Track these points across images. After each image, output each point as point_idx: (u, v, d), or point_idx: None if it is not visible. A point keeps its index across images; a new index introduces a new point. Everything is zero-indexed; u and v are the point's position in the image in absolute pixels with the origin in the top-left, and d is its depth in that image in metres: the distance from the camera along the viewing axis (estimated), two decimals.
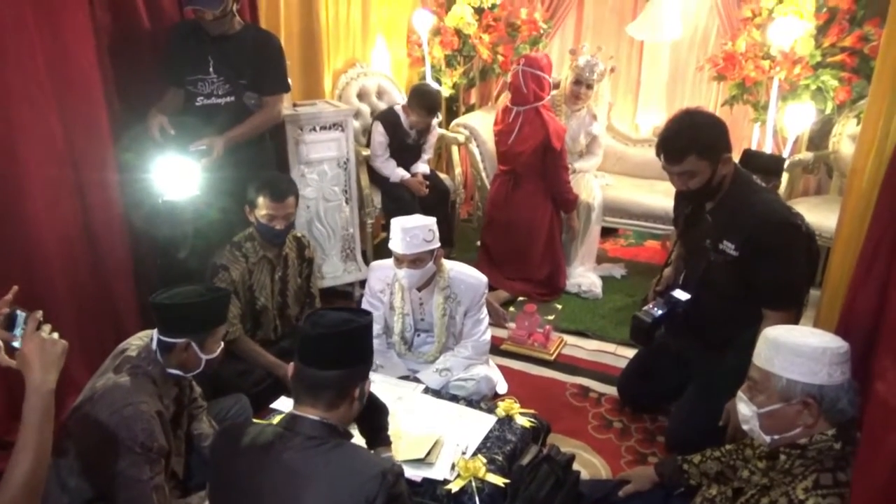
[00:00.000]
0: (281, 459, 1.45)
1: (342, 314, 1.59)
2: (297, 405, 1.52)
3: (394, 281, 2.67)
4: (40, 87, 2.27)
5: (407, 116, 3.68)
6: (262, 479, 1.45)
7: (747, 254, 2.16)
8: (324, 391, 1.49)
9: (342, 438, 1.51)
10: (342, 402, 1.51)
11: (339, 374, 1.50)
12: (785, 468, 1.50)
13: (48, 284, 2.35)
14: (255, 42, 2.83)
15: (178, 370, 1.95)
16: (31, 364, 1.38)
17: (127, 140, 2.64)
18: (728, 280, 2.25)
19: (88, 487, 1.88)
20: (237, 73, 2.80)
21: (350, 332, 1.53)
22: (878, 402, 1.20)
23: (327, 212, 3.48)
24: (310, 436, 1.46)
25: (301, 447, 1.45)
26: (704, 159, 2.16)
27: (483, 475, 1.93)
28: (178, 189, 2.61)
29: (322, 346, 1.50)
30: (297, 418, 1.49)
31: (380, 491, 1.39)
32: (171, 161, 2.58)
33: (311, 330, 1.52)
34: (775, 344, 1.52)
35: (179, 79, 2.79)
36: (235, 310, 2.65)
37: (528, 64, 3.50)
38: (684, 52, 4.34)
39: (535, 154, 3.50)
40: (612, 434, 2.64)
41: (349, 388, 1.52)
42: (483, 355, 2.72)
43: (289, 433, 1.48)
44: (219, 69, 2.77)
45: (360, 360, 1.57)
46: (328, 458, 1.44)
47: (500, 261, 3.76)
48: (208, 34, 2.73)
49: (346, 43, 4.02)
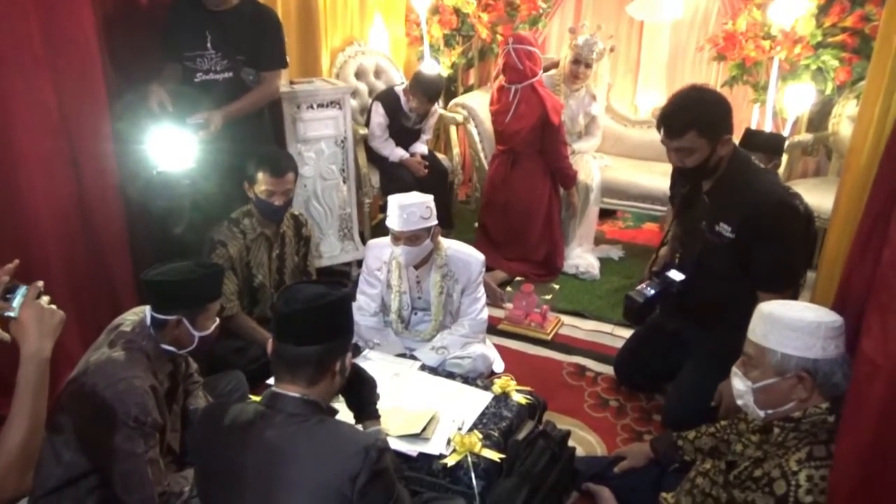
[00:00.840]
0: (263, 437, 1.43)
1: (317, 288, 1.55)
2: (278, 383, 1.50)
3: (391, 259, 2.66)
4: (34, 57, 2.25)
5: (408, 100, 3.65)
6: (244, 458, 1.44)
7: (744, 236, 2.14)
8: (302, 367, 1.46)
9: (324, 415, 1.49)
10: (322, 377, 1.49)
11: (317, 350, 1.47)
12: (778, 441, 1.51)
13: (42, 258, 2.34)
14: (253, 16, 2.80)
15: (171, 346, 1.95)
16: (28, 331, 1.36)
17: (122, 109, 2.61)
18: (723, 263, 2.24)
19: (83, 461, 1.88)
20: (235, 48, 2.77)
21: (325, 306, 1.49)
22: (864, 358, 1.21)
23: (325, 190, 3.46)
24: (291, 413, 1.45)
25: (282, 425, 1.43)
26: (704, 137, 2.13)
27: (479, 450, 1.94)
28: (174, 161, 2.59)
29: (297, 322, 1.47)
30: (278, 395, 1.47)
31: (363, 467, 1.38)
32: (167, 132, 2.56)
33: (284, 307, 1.48)
34: (770, 318, 1.52)
35: (177, 54, 2.77)
36: (233, 286, 2.65)
37: (518, 41, 3.49)
38: (684, 32, 4.30)
39: (534, 131, 3.49)
40: (608, 412, 2.65)
41: (329, 363, 1.50)
42: (480, 334, 2.73)
43: (270, 411, 1.46)
44: (217, 44, 2.75)
45: (337, 335, 1.53)
46: (310, 436, 1.42)
47: (498, 241, 3.75)
48: (206, 8, 2.70)
49: (344, 21, 3.98)
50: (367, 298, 2.74)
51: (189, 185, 2.68)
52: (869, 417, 1.16)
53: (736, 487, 1.53)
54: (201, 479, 1.61)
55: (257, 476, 1.43)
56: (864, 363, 1.19)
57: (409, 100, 3.64)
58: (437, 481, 1.93)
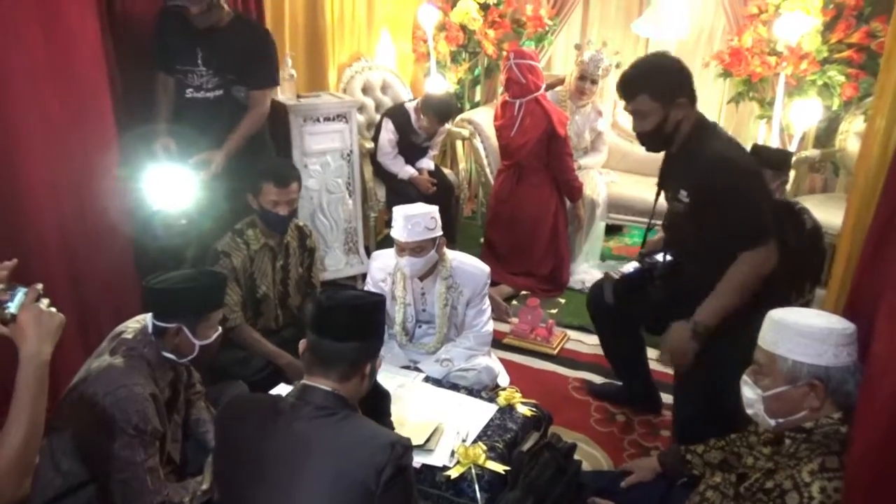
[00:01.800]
0: (290, 428, 1.46)
1: (356, 291, 1.69)
2: (309, 376, 1.53)
3: (395, 270, 2.64)
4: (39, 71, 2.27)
5: (418, 118, 3.66)
6: (268, 445, 1.46)
7: (697, 200, 2.11)
8: (337, 363, 1.50)
9: (352, 411, 1.52)
10: (354, 375, 1.52)
11: (354, 347, 1.52)
12: (790, 452, 1.47)
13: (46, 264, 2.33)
14: (244, 35, 2.80)
15: (172, 354, 1.93)
16: (27, 334, 1.35)
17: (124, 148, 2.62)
18: (686, 233, 2.19)
19: (82, 469, 1.86)
20: (226, 66, 2.77)
21: (364, 305, 1.57)
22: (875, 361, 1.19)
23: (330, 204, 3.46)
24: (320, 405, 1.47)
25: (311, 416, 1.46)
26: (657, 101, 2.16)
27: (483, 462, 1.91)
28: (171, 200, 2.60)
29: (338, 318, 1.52)
30: (309, 388, 1.50)
31: (389, 461, 1.39)
32: (166, 171, 2.57)
33: (327, 301, 1.55)
34: (780, 325, 1.49)
35: (170, 67, 2.77)
36: (236, 297, 2.63)
37: (519, 56, 3.52)
38: (690, 48, 4.32)
39: (540, 143, 3.49)
40: (614, 427, 2.61)
41: (362, 362, 1.53)
42: (485, 346, 2.70)
43: (299, 402, 1.49)
44: (207, 61, 2.75)
45: (372, 335, 1.59)
46: (338, 428, 1.45)
47: (503, 256, 3.73)
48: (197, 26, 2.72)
49: (352, 37, 4.02)
50: None
51: (185, 225, 2.69)
52: (880, 422, 1.13)
53: (747, 500, 1.49)
54: (222, 465, 1.60)
55: (281, 465, 1.45)
56: (875, 366, 1.17)
57: (420, 118, 3.66)
58: (440, 493, 1.90)
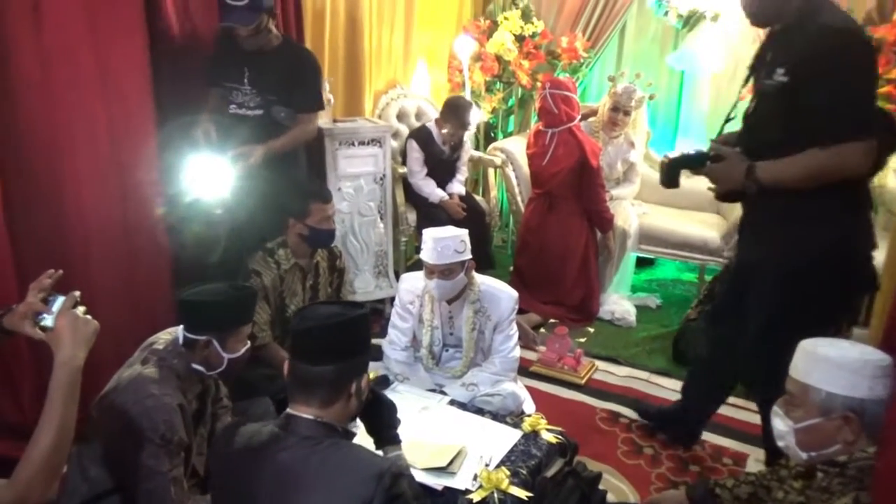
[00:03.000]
0: (276, 460, 1.41)
1: (333, 307, 1.55)
2: (292, 404, 1.48)
3: (424, 292, 2.65)
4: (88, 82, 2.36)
5: (439, 130, 3.72)
6: (257, 480, 1.42)
7: (799, 75, 1.84)
8: (317, 388, 1.44)
9: (340, 437, 1.46)
10: (337, 399, 1.46)
11: (332, 370, 1.45)
12: (822, 486, 1.43)
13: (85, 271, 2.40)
14: (290, 59, 2.89)
15: (201, 367, 1.96)
16: (62, 339, 1.38)
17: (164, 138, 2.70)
18: (770, 122, 1.96)
19: (108, 477, 1.89)
20: (268, 87, 2.85)
21: (340, 324, 1.47)
22: None
23: (362, 227, 3.50)
24: (305, 436, 1.42)
25: (296, 447, 1.41)
26: None
27: (506, 487, 1.88)
28: (209, 189, 2.65)
29: (312, 340, 1.45)
30: (292, 418, 1.45)
31: (376, 492, 1.34)
32: (204, 161, 2.63)
33: (299, 324, 1.48)
34: (814, 356, 1.46)
35: (218, 82, 2.87)
36: (266, 315, 2.66)
37: (555, 86, 3.54)
38: (726, 82, 4.30)
39: (572, 173, 3.50)
40: (642, 460, 2.56)
41: (344, 384, 1.47)
42: (511, 372, 2.67)
43: (284, 433, 1.44)
44: (253, 81, 2.84)
45: (353, 354, 1.51)
46: (323, 459, 1.39)
47: (533, 284, 3.72)
48: None
49: (388, 65, 4.10)
50: (398, 332, 2.72)
51: (222, 214, 2.73)
52: None
53: None
54: (217, 498, 1.59)
55: (269, 500, 1.40)
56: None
57: (441, 128, 3.70)
58: None
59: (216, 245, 2.82)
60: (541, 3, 4.55)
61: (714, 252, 3.76)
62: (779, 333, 1.82)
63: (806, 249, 1.96)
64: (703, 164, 2.13)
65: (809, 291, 1.95)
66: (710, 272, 3.90)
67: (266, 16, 2.75)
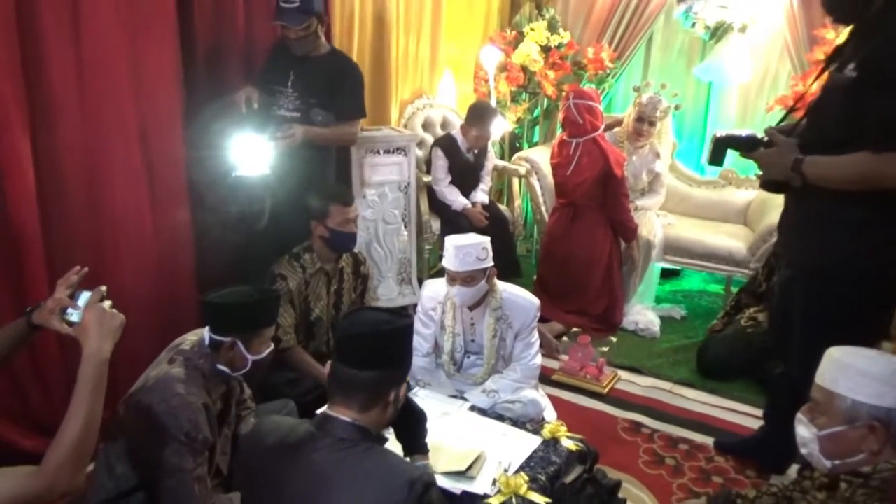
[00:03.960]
0: (310, 460, 1.43)
1: (382, 314, 1.57)
2: (331, 405, 1.50)
3: (446, 299, 2.67)
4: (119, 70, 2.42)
5: (464, 137, 3.76)
6: (289, 478, 1.44)
7: (866, 76, 1.80)
8: (358, 392, 1.46)
9: (374, 442, 1.48)
10: (376, 405, 1.48)
11: (375, 376, 1.47)
12: (846, 497, 1.41)
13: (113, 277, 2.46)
14: (336, 67, 2.98)
15: (226, 367, 1.99)
16: (89, 332, 1.43)
17: (206, 116, 2.78)
18: (831, 115, 1.92)
19: (134, 474, 1.92)
20: (310, 92, 2.93)
21: (389, 332, 1.49)
22: None
23: (386, 234, 3.54)
24: (340, 437, 1.44)
25: (331, 448, 1.43)
26: None
27: (524, 492, 1.89)
28: (250, 166, 2.71)
29: (359, 346, 1.47)
30: (330, 418, 1.47)
31: (407, 500, 1.35)
32: (246, 137, 2.69)
33: (349, 328, 1.50)
34: (841, 364, 1.45)
35: (264, 86, 2.96)
36: (290, 319, 2.70)
37: (578, 96, 3.54)
38: (753, 93, 4.28)
39: (596, 183, 3.49)
40: (663, 470, 2.53)
41: (384, 391, 1.49)
42: (532, 379, 2.67)
43: (320, 433, 1.47)
44: (296, 85, 2.93)
45: (397, 363, 1.53)
46: (356, 463, 1.41)
47: (556, 294, 3.71)
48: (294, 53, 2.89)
49: (415, 75, 4.14)
50: (420, 338, 2.73)
51: (266, 189, 2.82)
52: None
53: None
54: (245, 492, 1.61)
55: (299, 499, 1.42)
56: None
57: (467, 133, 3.74)
58: None
59: (261, 216, 2.91)
60: (567, 14, 4.56)
61: (740, 263, 3.72)
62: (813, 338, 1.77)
63: (841, 255, 1.94)
64: (753, 147, 2.09)
65: (844, 297, 1.93)
66: (737, 284, 3.85)
67: (316, 21, 2.86)
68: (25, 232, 2.23)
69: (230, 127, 2.74)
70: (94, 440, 1.41)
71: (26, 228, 2.22)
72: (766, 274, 3.38)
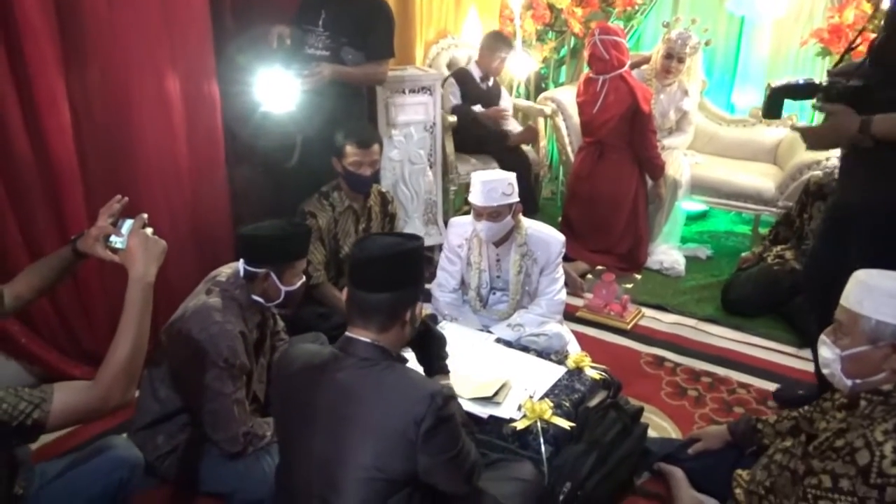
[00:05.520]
0: (335, 379, 1.49)
1: (392, 238, 1.62)
2: (351, 328, 1.55)
3: (472, 236, 2.70)
4: (151, 21, 2.46)
5: (479, 67, 3.90)
6: (316, 397, 1.51)
7: None
8: (375, 314, 1.51)
9: (394, 361, 1.54)
10: (393, 325, 1.53)
11: (389, 297, 1.52)
12: (865, 413, 1.44)
13: (149, 210, 2.54)
14: (368, 7, 2.96)
15: (260, 298, 2.07)
16: (136, 257, 1.49)
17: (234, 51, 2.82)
18: None
19: (177, 398, 2.03)
20: (341, 30, 2.93)
21: (398, 254, 1.54)
22: None
23: (412, 175, 3.56)
24: (363, 357, 1.50)
25: (354, 367, 1.49)
26: None
27: (549, 417, 1.95)
28: (277, 102, 2.74)
29: (371, 269, 1.52)
30: (351, 340, 1.53)
31: (427, 412, 1.41)
32: (273, 73, 2.71)
33: (359, 253, 1.55)
34: (867, 286, 1.46)
35: (299, 24, 2.96)
36: (320, 256, 2.76)
37: (604, 32, 3.49)
38: (788, 27, 4.15)
39: (623, 120, 3.46)
40: (685, 401, 2.59)
41: (400, 311, 1.54)
42: (557, 314, 2.71)
43: (343, 354, 1.53)
44: (327, 25, 2.93)
45: (409, 283, 1.57)
46: (380, 379, 1.47)
47: (581, 233, 3.72)
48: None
49: (439, 14, 4.08)
50: (446, 275, 2.78)
51: (295, 126, 2.86)
52: None
53: (815, 458, 1.47)
54: (278, 420, 1.69)
55: (328, 415, 1.49)
56: None
57: (488, 60, 3.89)
58: (506, 445, 1.94)
59: (291, 152, 2.98)
60: None
61: (769, 202, 3.69)
62: None
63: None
64: (811, 95, 2.03)
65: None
66: (765, 224, 3.83)
67: None
68: (63, 166, 2.30)
69: (258, 62, 2.76)
70: (143, 357, 1.48)
71: (63, 162, 2.30)
72: (798, 210, 3.36)
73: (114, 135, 2.45)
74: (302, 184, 2.90)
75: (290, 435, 1.60)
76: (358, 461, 1.43)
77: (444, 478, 1.50)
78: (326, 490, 1.46)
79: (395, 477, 1.44)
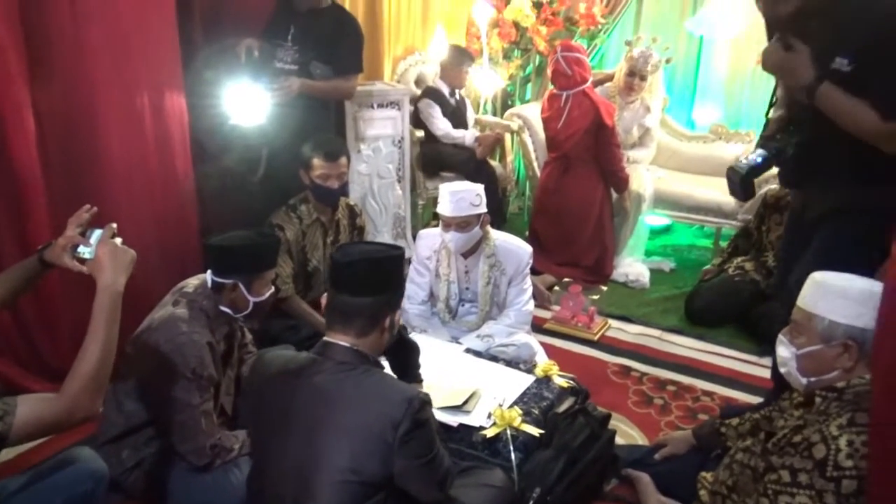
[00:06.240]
0: (312, 382, 1.50)
1: (373, 245, 1.67)
2: (330, 332, 1.57)
3: (441, 248, 2.73)
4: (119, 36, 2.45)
5: (444, 82, 3.98)
6: (292, 401, 1.51)
7: (867, 63, 1.70)
8: (355, 318, 1.53)
9: (371, 366, 1.56)
10: (373, 329, 1.55)
11: (370, 302, 1.54)
12: (820, 409, 1.49)
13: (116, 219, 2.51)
14: (336, 21, 3.00)
15: (228, 308, 2.05)
16: (104, 266, 1.48)
17: (201, 64, 2.82)
18: None
19: (143, 411, 2.00)
20: (309, 45, 2.95)
21: (380, 260, 1.57)
22: None
23: (381, 189, 3.58)
24: (340, 361, 1.51)
25: (332, 371, 1.50)
26: None
27: (518, 425, 1.96)
28: (246, 115, 2.74)
29: (354, 273, 1.54)
30: (329, 344, 1.54)
31: (405, 416, 1.43)
32: (242, 87, 2.72)
33: (342, 257, 1.57)
34: (822, 286, 1.52)
35: (267, 38, 2.98)
36: (288, 269, 2.75)
37: (566, 49, 3.60)
38: (745, 47, 4.30)
39: (588, 134, 3.54)
40: (651, 409, 2.63)
41: (380, 316, 1.56)
42: (525, 325, 2.75)
43: (320, 358, 1.54)
44: (296, 39, 2.95)
45: (390, 289, 1.60)
46: (357, 382, 1.49)
47: (548, 246, 3.78)
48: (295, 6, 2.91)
49: (407, 31, 4.14)
50: (415, 287, 2.80)
51: (262, 139, 2.87)
52: None
53: (774, 454, 1.52)
54: (252, 424, 1.68)
55: (303, 417, 1.49)
56: None
57: (445, 79, 4.00)
58: (476, 453, 1.94)
59: (258, 166, 3.00)
60: None
61: (729, 215, 3.80)
62: None
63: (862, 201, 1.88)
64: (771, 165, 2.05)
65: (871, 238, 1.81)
66: (725, 237, 3.93)
67: None
68: (27, 178, 2.27)
69: (227, 75, 2.76)
70: (111, 368, 1.46)
71: (27, 175, 2.26)
72: (756, 223, 3.46)
73: (80, 147, 2.43)
74: (270, 196, 2.90)
75: (264, 439, 1.60)
76: (334, 463, 1.44)
77: (417, 484, 1.51)
78: (300, 495, 1.46)
79: (370, 480, 1.44)
